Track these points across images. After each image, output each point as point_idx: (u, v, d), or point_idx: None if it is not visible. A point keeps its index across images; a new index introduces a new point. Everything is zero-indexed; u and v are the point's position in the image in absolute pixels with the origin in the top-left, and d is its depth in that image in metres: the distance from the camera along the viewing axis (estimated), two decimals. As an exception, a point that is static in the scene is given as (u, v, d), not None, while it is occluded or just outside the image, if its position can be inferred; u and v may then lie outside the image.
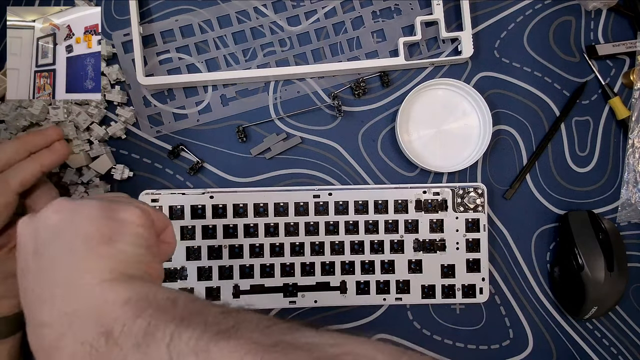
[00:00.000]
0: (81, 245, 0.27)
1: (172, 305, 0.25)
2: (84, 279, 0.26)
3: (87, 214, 0.28)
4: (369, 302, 0.46)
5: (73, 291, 0.25)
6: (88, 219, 0.27)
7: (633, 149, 0.48)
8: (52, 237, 0.27)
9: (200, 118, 0.48)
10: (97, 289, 0.25)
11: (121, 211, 0.28)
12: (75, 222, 0.27)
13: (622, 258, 0.46)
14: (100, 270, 0.26)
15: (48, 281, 0.26)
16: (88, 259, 0.26)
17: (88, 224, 0.27)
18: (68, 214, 0.28)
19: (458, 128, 0.48)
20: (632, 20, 0.50)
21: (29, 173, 0.36)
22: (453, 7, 0.50)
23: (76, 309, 0.24)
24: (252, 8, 0.49)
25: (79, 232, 0.27)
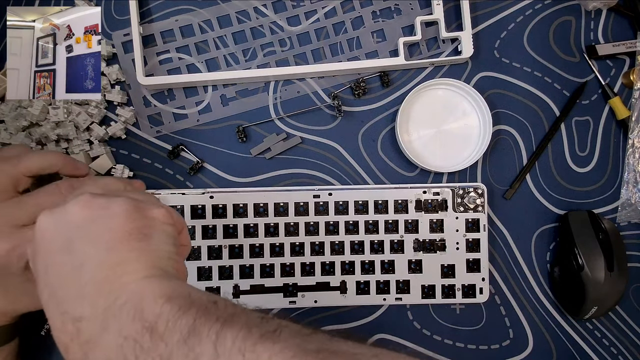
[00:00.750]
0: (116, 241, 0.27)
1: (213, 306, 0.25)
2: (124, 275, 0.26)
3: (119, 210, 0.28)
4: (369, 302, 0.46)
5: (114, 287, 0.25)
6: (121, 215, 0.27)
7: (633, 149, 0.48)
8: (83, 234, 0.27)
9: (200, 118, 0.48)
10: (138, 285, 0.25)
11: (150, 209, 0.29)
12: (107, 218, 0.27)
13: (622, 258, 0.46)
14: (139, 266, 0.26)
15: (83, 278, 0.26)
16: (126, 255, 0.26)
17: (122, 220, 0.27)
18: (99, 209, 0.28)
19: (458, 128, 0.48)
20: (632, 20, 0.50)
21: (45, 162, 0.37)
22: (453, 7, 0.50)
23: (119, 304, 0.25)
24: (252, 8, 0.49)
25: (113, 227, 0.27)
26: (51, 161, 0.37)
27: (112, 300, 0.25)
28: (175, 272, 0.28)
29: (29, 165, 0.36)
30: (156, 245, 0.28)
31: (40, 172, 0.37)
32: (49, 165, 0.37)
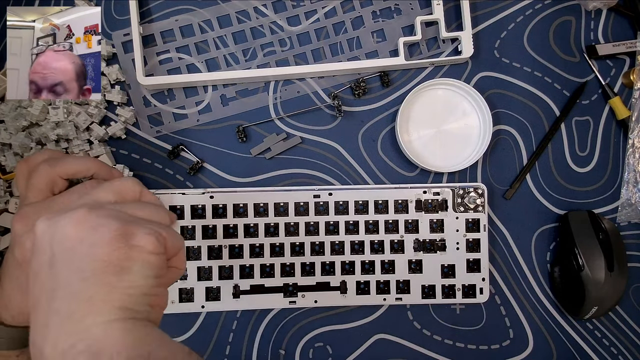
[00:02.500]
0: (93, 271, 0.26)
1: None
2: (89, 315, 0.25)
3: (105, 236, 0.26)
4: (369, 302, 0.46)
5: (76, 328, 0.25)
6: (105, 241, 0.26)
7: (633, 149, 0.48)
8: (67, 253, 0.26)
9: (200, 118, 0.48)
10: (99, 331, 0.25)
11: (138, 236, 0.27)
12: (90, 242, 0.26)
13: (622, 258, 0.46)
14: (105, 306, 0.25)
15: (54, 304, 0.25)
16: (97, 289, 0.25)
17: (104, 248, 0.26)
18: (88, 230, 0.27)
19: (458, 128, 0.48)
20: (632, 20, 0.50)
21: (81, 166, 0.38)
22: (453, 7, 0.50)
23: (75, 352, 0.24)
24: (252, 8, 0.49)
25: (93, 255, 0.26)
26: (87, 165, 0.38)
27: (70, 344, 0.24)
28: (147, 310, 0.27)
29: (65, 168, 0.37)
30: (132, 280, 0.26)
31: (76, 175, 0.38)
32: (85, 169, 0.38)
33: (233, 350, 0.47)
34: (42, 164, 0.37)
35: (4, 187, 0.45)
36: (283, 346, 0.47)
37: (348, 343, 0.47)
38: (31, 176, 0.37)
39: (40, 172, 0.36)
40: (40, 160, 0.38)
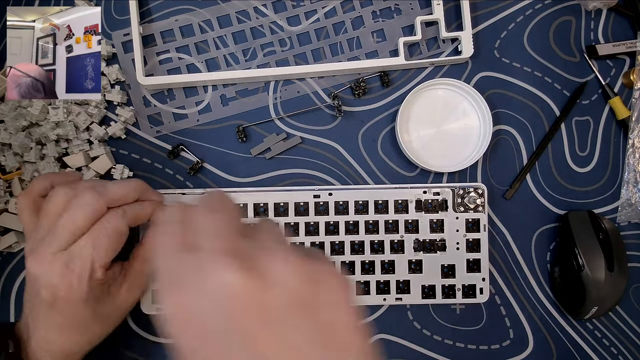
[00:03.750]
0: (334, 338, 0.20)
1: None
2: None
3: (337, 290, 0.21)
4: (369, 302, 0.46)
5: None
6: (341, 299, 0.21)
7: (633, 149, 0.48)
8: (293, 310, 0.20)
9: (200, 118, 0.48)
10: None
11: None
12: (322, 299, 0.21)
13: (622, 258, 0.46)
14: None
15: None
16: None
17: (343, 308, 0.21)
18: (311, 282, 0.21)
19: (458, 128, 0.48)
20: (632, 20, 0.50)
21: (143, 212, 0.37)
22: (453, 7, 0.50)
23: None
24: (252, 8, 0.49)
25: (333, 315, 0.20)
26: (134, 188, 0.37)
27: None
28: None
29: (112, 197, 0.35)
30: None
31: (122, 202, 0.36)
32: (133, 194, 0.37)
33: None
34: (88, 190, 0.34)
35: (4, 187, 0.45)
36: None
37: (348, 343, 0.47)
38: (67, 209, 0.34)
39: (86, 206, 0.34)
40: (49, 183, 0.36)
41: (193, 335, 0.20)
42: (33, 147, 0.44)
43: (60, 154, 0.46)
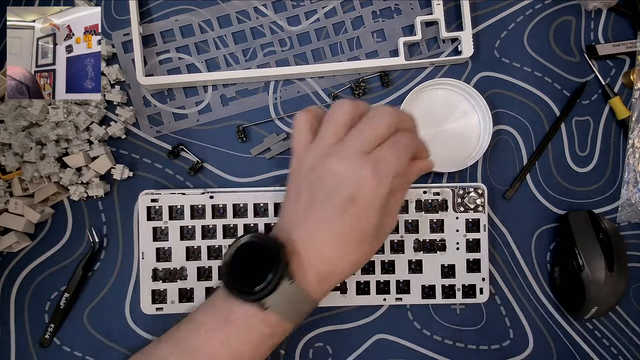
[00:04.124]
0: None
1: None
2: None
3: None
4: (369, 302, 0.46)
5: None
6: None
7: (633, 149, 0.48)
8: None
9: (200, 118, 0.48)
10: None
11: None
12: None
13: (622, 258, 0.46)
14: None
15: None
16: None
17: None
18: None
19: (458, 128, 0.48)
20: (632, 20, 0.50)
21: (421, 155, 0.37)
22: (453, 7, 0.50)
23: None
24: (252, 8, 0.49)
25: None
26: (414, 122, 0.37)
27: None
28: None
29: (401, 118, 0.35)
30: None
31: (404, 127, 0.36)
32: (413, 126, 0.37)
33: (233, 350, 0.47)
34: (379, 106, 0.36)
35: (4, 187, 0.45)
36: (283, 346, 0.47)
37: (348, 343, 0.47)
38: (368, 117, 0.34)
39: (384, 113, 0.34)
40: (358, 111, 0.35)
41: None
42: (33, 147, 0.44)
43: (60, 154, 0.46)
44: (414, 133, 0.36)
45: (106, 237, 0.47)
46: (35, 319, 0.46)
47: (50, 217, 0.47)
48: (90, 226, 0.47)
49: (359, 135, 0.33)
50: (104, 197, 0.47)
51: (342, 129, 0.34)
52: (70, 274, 0.46)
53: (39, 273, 0.47)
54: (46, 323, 0.46)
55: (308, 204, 0.33)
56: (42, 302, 0.47)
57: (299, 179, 0.35)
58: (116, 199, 0.48)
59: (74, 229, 0.47)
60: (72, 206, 0.47)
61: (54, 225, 0.47)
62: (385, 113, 0.34)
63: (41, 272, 0.47)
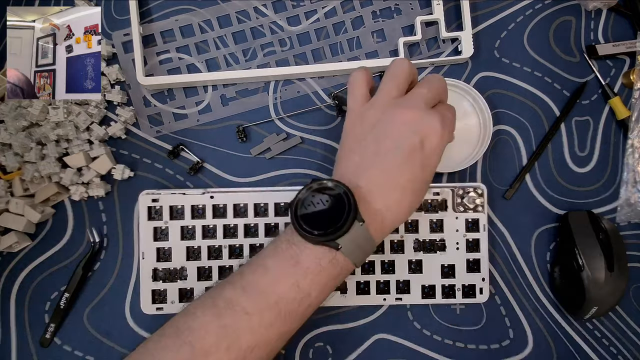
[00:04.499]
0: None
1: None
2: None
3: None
4: (369, 302, 0.46)
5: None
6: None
7: (633, 149, 0.48)
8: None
9: (200, 118, 0.48)
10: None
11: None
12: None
13: (622, 258, 0.46)
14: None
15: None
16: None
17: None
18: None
19: (458, 128, 0.48)
20: (632, 20, 0.50)
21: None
22: (453, 7, 0.50)
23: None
24: (252, 8, 0.49)
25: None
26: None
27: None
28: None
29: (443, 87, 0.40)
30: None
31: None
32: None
33: (233, 350, 0.47)
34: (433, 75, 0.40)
35: (5, 187, 0.45)
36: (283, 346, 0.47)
37: (348, 343, 0.47)
38: (427, 79, 0.39)
39: (438, 78, 0.40)
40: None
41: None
42: (33, 147, 0.44)
43: (60, 154, 0.46)
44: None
45: (106, 237, 0.47)
46: (36, 318, 0.46)
47: (50, 217, 0.47)
48: (90, 226, 0.47)
49: (425, 92, 0.37)
50: (104, 197, 0.47)
51: (404, 84, 0.38)
52: (70, 274, 0.46)
53: (39, 273, 0.47)
54: (46, 323, 0.46)
55: (374, 153, 0.36)
56: (42, 302, 0.47)
57: (363, 132, 0.37)
58: (116, 199, 0.48)
59: (74, 229, 0.47)
60: (73, 206, 0.47)
61: (55, 225, 0.47)
62: (440, 78, 0.40)
63: (41, 272, 0.47)
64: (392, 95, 0.38)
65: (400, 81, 0.38)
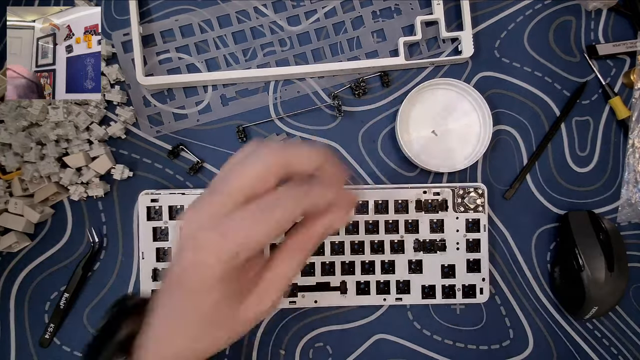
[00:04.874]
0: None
1: None
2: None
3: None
4: (369, 302, 0.46)
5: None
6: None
7: (633, 149, 0.48)
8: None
9: (200, 118, 0.48)
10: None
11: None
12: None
13: (622, 258, 0.46)
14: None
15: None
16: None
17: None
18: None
19: (458, 128, 0.48)
20: (632, 20, 0.50)
21: (323, 203, 0.28)
22: (453, 7, 0.50)
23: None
24: (252, 8, 0.49)
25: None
26: (322, 157, 0.28)
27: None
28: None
29: (291, 159, 0.27)
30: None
31: (300, 168, 0.27)
32: (315, 163, 0.27)
33: (233, 350, 0.47)
34: (266, 145, 0.27)
35: (4, 187, 0.45)
36: (283, 346, 0.47)
37: (348, 343, 0.47)
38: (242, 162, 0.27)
39: (260, 155, 0.27)
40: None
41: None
42: (33, 147, 0.44)
43: (60, 154, 0.46)
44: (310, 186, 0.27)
45: (106, 237, 0.47)
46: (35, 319, 0.46)
47: (50, 217, 0.47)
48: (90, 226, 0.47)
49: (219, 193, 0.27)
50: (103, 197, 0.47)
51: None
52: (70, 274, 0.46)
53: (39, 273, 0.47)
54: (46, 323, 0.46)
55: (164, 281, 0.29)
56: (42, 302, 0.47)
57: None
58: (116, 199, 0.48)
59: (73, 229, 0.47)
60: (72, 206, 0.47)
61: (54, 225, 0.47)
62: (260, 153, 0.27)
63: (41, 272, 0.47)
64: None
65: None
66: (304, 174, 0.27)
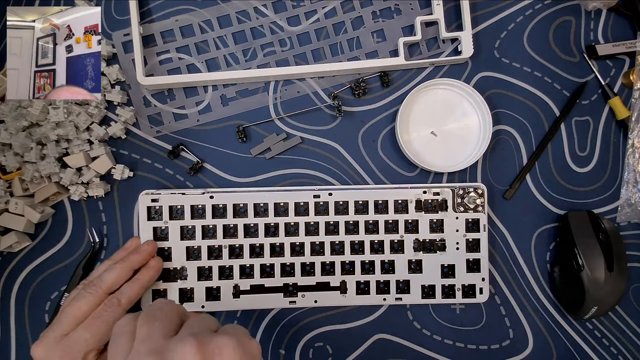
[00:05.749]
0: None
1: None
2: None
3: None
4: (369, 302, 0.46)
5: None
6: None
7: (633, 149, 0.48)
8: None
9: (200, 118, 0.48)
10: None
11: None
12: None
13: (622, 258, 0.46)
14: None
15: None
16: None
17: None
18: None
19: (458, 128, 0.48)
20: (632, 20, 0.50)
21: (134, 294, 0.40)
22: (453, 7, 0.50)
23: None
24: (252, 8, 0.49)
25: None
26: (126, 271, 0.41)
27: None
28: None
29: (109, 285, 0.40)
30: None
31: (117, 285, 0.41)
32: (125, 276, 0.41)
33: (233, 350, 0.47)
34: (91, 285, 0.39)
35: (5, 187, 0.45)
36: (283, 346, 0.47)
37: (348, 343, 0.47)
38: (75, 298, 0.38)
39: (88, 293, 0.39)
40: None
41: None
42: (33, 147, 0.44)
43: (60, 154, 0.46)
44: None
45: (106, 237, 0.47)
46: (36, 318, 0.46)
47: (50, 217, 0.47)
48: (90, 226, 0.47)
49: (57, 321, 0.37)
50: (104, 197, 0.47)
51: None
52: (70, 274, 0.46)
53: (39, 273, 0.47)
54: (46, 323, 0.46)
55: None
56: (42, 302, 0.47)
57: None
58: (116, 199, 0.48)
59: (74, 229, 0.47)
60: (73, 206, 0.47)
61: (54, 225, 0.47)
62: (89, 291, 0.39)
63: (41, 272, 0.47)
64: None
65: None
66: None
